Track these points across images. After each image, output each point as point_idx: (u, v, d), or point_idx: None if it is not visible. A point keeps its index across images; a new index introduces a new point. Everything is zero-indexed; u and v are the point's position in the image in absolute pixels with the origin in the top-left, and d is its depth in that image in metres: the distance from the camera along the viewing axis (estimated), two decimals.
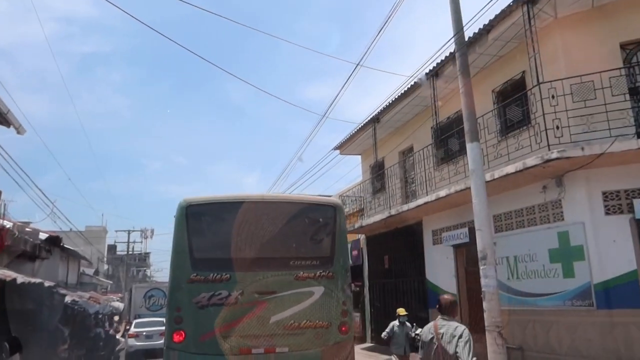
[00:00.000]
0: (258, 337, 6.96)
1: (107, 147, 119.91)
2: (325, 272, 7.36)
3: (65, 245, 20.62)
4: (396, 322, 9.75)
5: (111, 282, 41.33)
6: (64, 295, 12.03)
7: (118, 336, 22.02)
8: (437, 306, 4.77)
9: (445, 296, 4.91)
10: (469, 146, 8.83)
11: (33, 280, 9.87)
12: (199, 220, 7.53)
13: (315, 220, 7.75)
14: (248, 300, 7.05)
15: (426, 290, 13.71)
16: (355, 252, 18.37)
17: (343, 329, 7.30)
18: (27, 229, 16.02)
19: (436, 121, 12.72)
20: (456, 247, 12.36)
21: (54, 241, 17.62)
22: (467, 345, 4.36)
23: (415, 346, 9.30)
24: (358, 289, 18.55)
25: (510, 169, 9.35)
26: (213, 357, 6.82)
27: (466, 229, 11.52)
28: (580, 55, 9.37)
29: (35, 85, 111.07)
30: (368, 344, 17.10)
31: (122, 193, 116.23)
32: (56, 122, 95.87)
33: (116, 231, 64.50)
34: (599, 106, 8.66)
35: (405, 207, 13.57)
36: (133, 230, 42.96)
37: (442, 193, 11.50)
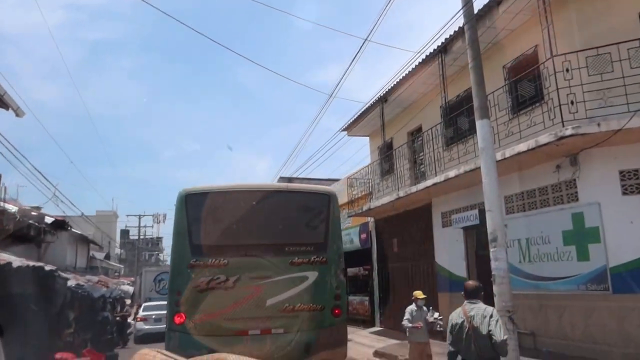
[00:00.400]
0: (254, 319, 7.30)
1: (121, 134, 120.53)
2: (319, 258, 7.69)
3: (73, 229, 20.63)
4: (413, 307, 8.85)
5: (122, 266, 41.68)
6: (66, 279, 11.90)
7: (129, 320, 22.12)
8: (463, 292, 5.05)
9: (470, 282, 5.27)
10: (478, 123, 8.41)
11: (31, 263, 9.72)
12: (198, 209, 7.82)
13: (309, 209, 8.10)
14: (245, 284, 7.39)
15: (435, 273, 13.40)
16: (363, 236, 18.09)
17: (336, 312, 7.64)
18: (32, 213, 15.96)
19: (445, 99, 12.28)
20: (466, 230, 12.00)
21: (60, 225, 17.59)
22: (499, 323, 4.59)
23: (434, 331, 8.93)
24: (367, 272, 18.33)
25: (522, 147, 8.92)
26: (212, 338, 7.05)
27: (476, 211, 11.15)
28: (596, 26, 8.84)
29: (49, 72, 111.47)
30: (377, 328, 16.89)
31: (136, 179, 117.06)
32: (71, 109, 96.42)
33: (127, 216, 65.03)
34: (617, 79, 8.15)
35: (413, 189, 13.19)
36: (144, 215, 43.17)
37: (452, 174, 11.11)
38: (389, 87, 14.25)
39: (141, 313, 20.61)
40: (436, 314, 9.01)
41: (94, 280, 19.39)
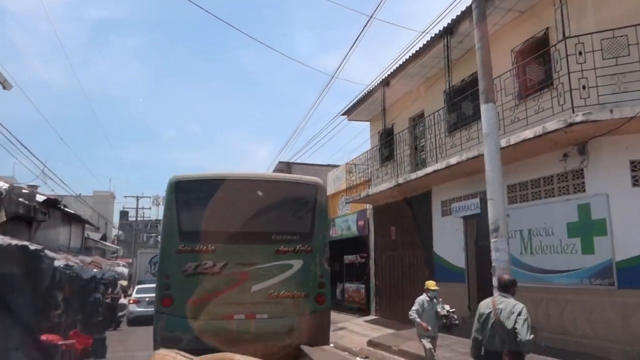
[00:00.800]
0: (240, 304, 7.44)
1: (123, 115, 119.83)
2: (304, 247, 7.81)
3: (66, 209, 20.25)
4: (424, 297, 8.27)
5: (118, 247, 41.46)
6: (53, 259, 11.53)
7: (124, 301, 21.89)
8: (497, 284, 5.29)
9: (505, 276, 5.44)
10: (483, 108, 7.96)
11: (14, 242, 9.35)
12: (187, 196, 7.95)
13: (297, 198, 8.17)
14: (232, 270, 7.51)
15: (433, 263, 13.06)
16: (361, 223, 17.74)
17: (319, 299, 7.77)
18: (24, 191, 15.57)
19: (449, 83, 11.82)
20: (466, 219, 11.63)
21: (52, 204, 17.21)
22: (526, 322, 4.60)
23: (446, 325, 8.46)
24: (364, 260, 18.01)
25: (528, 134, 8.49)
26: (198, 321, 7.26)
27: (477, 200, 10.77)
28: (613, 7, 8.35)
29: (52, 51, 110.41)
30: (372, 317, 16.60)
31: (136, 160, 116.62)
32: (74, 90, 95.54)
33: (125, 197, 63.88)
34: (633, 64, 7.70)
35: (413, 176, 12.79)
36: (142, 197, 42.92)
37: (453, 160, 10.70)
38: (391, 70, 13.77)
39: (134, 295, 20.35)
40: (447, 307, 8.54)
41: (86, 260, 19.06)
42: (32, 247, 10.23)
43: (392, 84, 14.61)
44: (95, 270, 17.11)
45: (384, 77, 14.49)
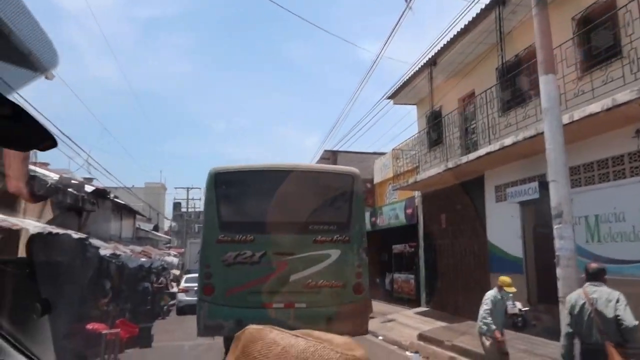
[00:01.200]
0: (278, 293, 7.58)
1: (174, 110, 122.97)
2: (341, 237, 7.85)
3: (116, 200, 20.63)
4: (496, 294, 7.33)
5: (170, 237, 42.42)
6: (97, 248, 11.58)
7: (175, 290, 22.22)
8: (585, 274, 4.96)
9: (593, 264, 5.17)
10: (542, 79, 7.13)
11: (58, 230, 9.36)
12: (226, 187, 8.18)
13: (334, 189, 8.21)
14: (270, 260, 7.67)
15: (487, 252, 12.24)
16: (409, 211, 17.02)
17: (358, 289, 7.79)
18: (73, 182, 15.84)
19: (502, 58, 10.91)
20: (523, 205, 10.74)
21: (100, 194, 17.48)
22: (627, 308, 4.44)
23: (516, 325, 7.66)
24: (413, 249, 17.32)
25: (595, 107, 7.58)
26: (238, 309, 7.38)
27: (535, 184, 9.87)
28: None
29: (106, 50, 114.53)
30: (422, 308, 15.93)
31: (187, 154, 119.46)
32: (126, 85, 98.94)
33: (175, 188, 65.94)
34: None
35: (464, 159, 11.96)
36: (192, 188, 43.55)
37: (508, 141, 9.84)
38: (438, 48, 12.94)
39: (182, 284, 20.55)
40: (518, 304, 7.70)
41: (136, 250, 19.37)
42: (76, 235, 10.26)
43: (439, 63, 13.78)
44: (143, 259, 17.30)
45: (430, 56, 13.66)
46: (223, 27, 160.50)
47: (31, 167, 15.20)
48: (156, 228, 36.03)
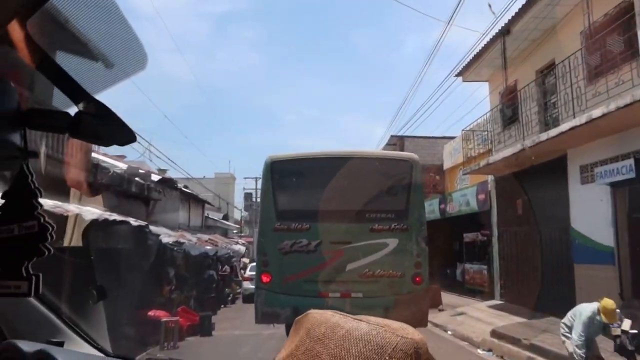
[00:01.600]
0: (335, 282, 7.54)
1: (245, 102, 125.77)
2: (399, 225, 7.68)
3: (184, 189, 20.92)
4: (594, 315, 5.83)
5: (238, 226, 43.16)
6: (158, 235, 11.51)
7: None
8: None
9: None
10: None
11: (115, 217, 9.26)
12: (282, 175, 8.17)
13: (391, 175, 8.01)
14: (326, 248, 7.60)
15: (571, 241, 10.89)
16: (482, 197, 15.76)
17: (416, 279, 7.60)
18: (140, 171, 16.07)
19: (589, 18, 9.51)
20: (615, 186, 9.37)
21: (167, 183, 17.68)
22: None
23: (620, 348, 5.81)
24: (485, 238, 16.07)
25: None
26: (295, 298, 7.32)
27: (631, 161, 8.55)
28: None
29: (180, 46, 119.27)
30: (496, 302, 14.72)
31: (258, 145, 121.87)
32: (199, 80, 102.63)
33: (245, 178, 67.09)
34: None
35: (544, 136, 10.61)
36: (260, 178, 43.91)
37: (597, 112, 8.50)
38: (512, 15, 11.63)
39: (248, 273, 20.55)
40: (627, 323, 5.76)
41: (203, 238, 19.53)
42: (135, 222, 10.16)
43: (513, 32, 12.41)
44: (208, 247, 17.31)
45: (503, 24, 12.35)
46: (291, 18, 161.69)
47: (103, 157, 15.67)
48: (226, 217, 36.70)
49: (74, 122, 0.93)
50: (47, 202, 7.34)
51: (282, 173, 8.19)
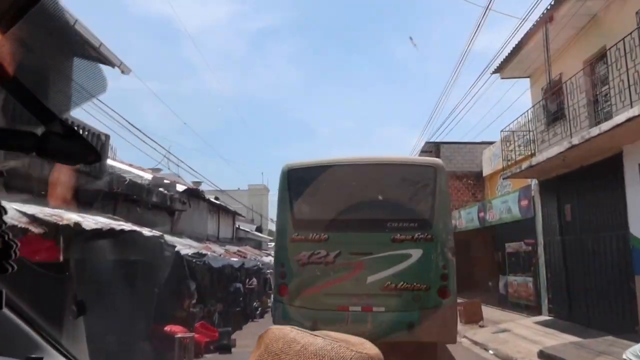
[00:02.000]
0: (355, 296, 7.13)
1: (280, 116, 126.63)
2: (423, 235, 7.25)
3: (211, 200, 20.42)
4: None
5: (271, 237, 42.60)
6: (174, 247, 10.85)
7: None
8: None
9: None
10: None
11: (123, 227, 8.63)
12: (299, 184, 7.80)
13: (413, 182, 7.65)
14: (345, 260, 7.23)
15: (630, 249, 9.58)
16: (524, 203, 14.49)
17: (442, 292, 7.15)
18: (165, 181, 15.63)
19: None
20: None
21: (194, 194, 17.19)
22: None
23: None
24: (530, 248, 14.73)
25: None
26: (313, 312, 6.99)
27: None
28: None
29: (220, 63, 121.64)
30: (544, 317, 13.36)
31: (293, 157, 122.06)
32: (239, 95, 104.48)
33: None
34: None
35: (595, 131, 9.39)
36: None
37: None
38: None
39: None
40: None
41: (232, 250, 18.91)
42: (147, 232, 9.53)
43: (557, 18, 11.28)
44: (234, 259, 16.61)
45: (545, 10, 11.25)
46: (328, 31, 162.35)
47: (128, 167, 15.30)
48: (259, 229, 36.17)
49: (41, 142, 0.95)
50: (44, 210, 6.82)
51: (299, 181, 7.85)
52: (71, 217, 7.30)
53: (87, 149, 1.02)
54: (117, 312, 8.18)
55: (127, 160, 16.19)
